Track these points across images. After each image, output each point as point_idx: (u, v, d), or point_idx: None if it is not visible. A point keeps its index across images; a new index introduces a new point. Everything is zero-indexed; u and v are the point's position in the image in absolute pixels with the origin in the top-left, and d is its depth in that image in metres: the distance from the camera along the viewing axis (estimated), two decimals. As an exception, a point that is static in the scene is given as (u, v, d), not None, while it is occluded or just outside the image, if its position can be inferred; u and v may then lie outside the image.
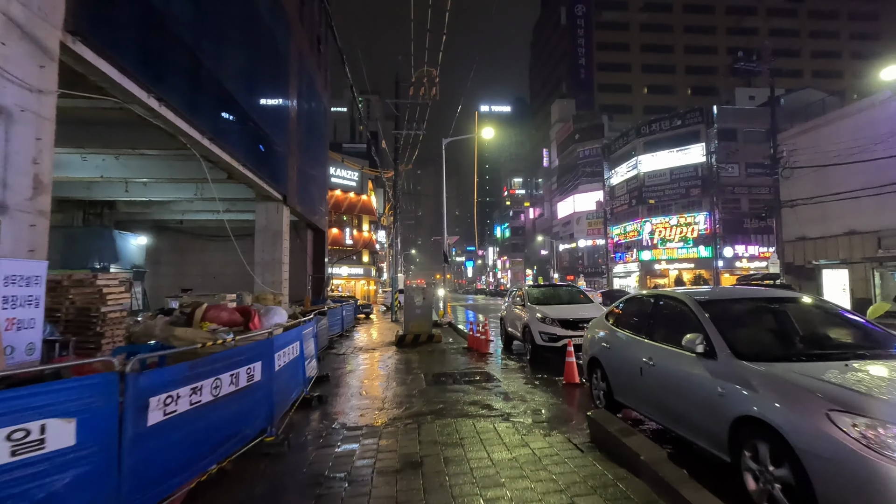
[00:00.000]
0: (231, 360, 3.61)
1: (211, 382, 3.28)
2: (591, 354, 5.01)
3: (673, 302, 3.94)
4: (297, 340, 5.64)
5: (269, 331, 4.30)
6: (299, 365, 5.62)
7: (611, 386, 4.55)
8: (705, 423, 3.04)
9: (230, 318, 4.52)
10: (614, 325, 4.68)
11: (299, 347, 5.72)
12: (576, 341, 7.70)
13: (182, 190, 15.24)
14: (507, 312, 10.52)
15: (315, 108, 20.14)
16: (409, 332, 11.57)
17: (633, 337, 4.15)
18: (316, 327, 10.18)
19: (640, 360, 3.87)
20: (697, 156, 37.58)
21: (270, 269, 15.15)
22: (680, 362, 3.38)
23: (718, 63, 71.26)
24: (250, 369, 3.83)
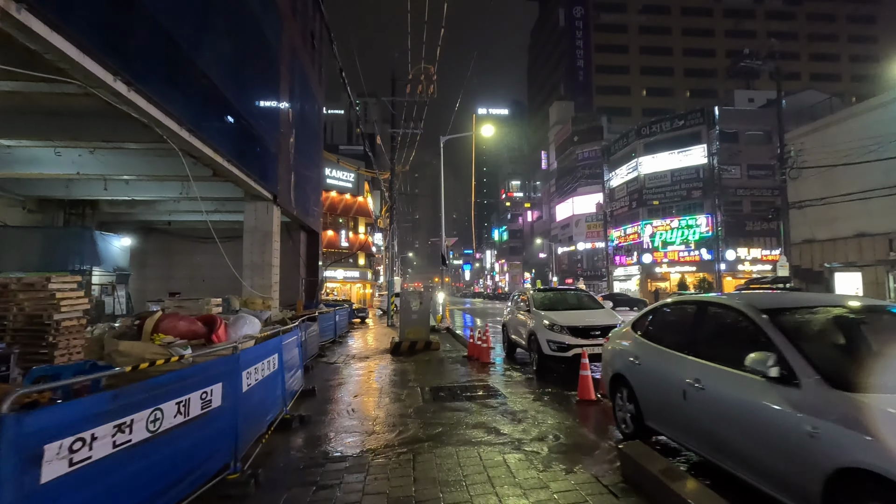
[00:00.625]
0: (180, 382, 2.89)
1: (147, 415, 2.56)
2: (615, 370, 4.30)
3: (725, 310, 3.25)
4: (276, 353, 4.92)
5: (235, 344, 3.57)
6: (277, 381, 4.90)
7: (640, 408, 3.85)
8: (784, 471, 2.35)
9: (189, 329, 3.80)
10: (645, 337, 3.98)
11: (278, 360, 5.01)
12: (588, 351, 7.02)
13: (167, 189, 14.51)
14: (510, 318, 9.82)
15: (308, 105, 19.45)
16: (406, 339, 10.84)
17: (673, 353, 3.44)
18: (304, 334, 9.46)
19: (684, 382, 3.17)
20: (699, 157, 37.05)
21: (260, 272, 14.42)
22: (742, 388, 2.68)
23: (717, 66, 71.08)
24: (207, 393, 3.11)
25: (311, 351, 10.02)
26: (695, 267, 36.96)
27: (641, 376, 3.82)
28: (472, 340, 9.64)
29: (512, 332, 9.53)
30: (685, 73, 72.44)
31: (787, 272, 18.88)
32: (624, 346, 4.25)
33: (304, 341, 9.17)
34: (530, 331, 7.99)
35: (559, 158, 61.84)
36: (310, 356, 9.94)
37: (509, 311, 10.11)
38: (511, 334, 9.58)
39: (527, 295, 9.02)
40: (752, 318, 2.82)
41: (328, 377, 8.00)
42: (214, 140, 9.71)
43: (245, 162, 11.99)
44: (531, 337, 7.96)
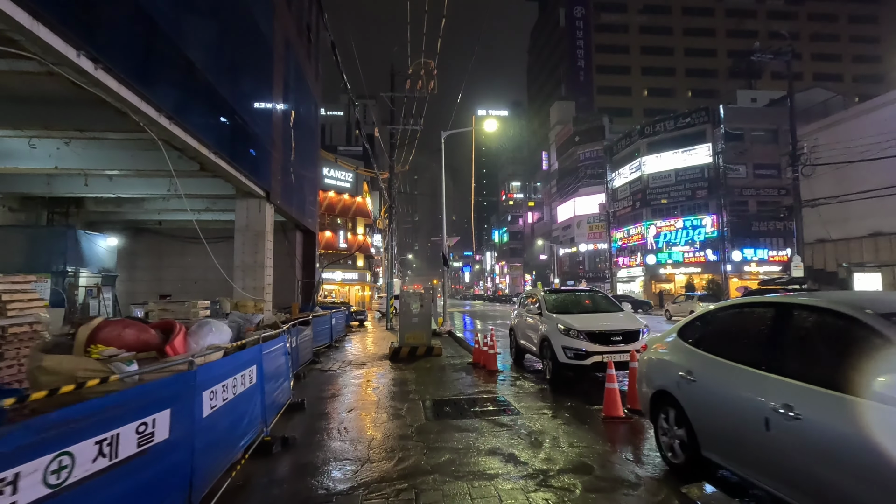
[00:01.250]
0: (104, 413, 2.15)
1: (47, 464, 1.83)
2: (659, 386, 3.57)
3: (821, 315, 2.51)
4: (254, 364, 4.20)
5: (190, 359, 2.84)
6: (256, 397, 4.17)
7: (696, 435, 3.11)
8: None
9: (138, 339, 3.07)
10: (700, 348, 3.25)
11: (257, 373, 4.28)
12: (610, 359, 6.28)
13: (153, 185, 13.78)
14: (518, 322, 9.08)
15: (304, 100, 18.75)
16: (406, 344, 10.11)
17: (746, 369, 2.71)
18: (296, 340, 8.72)
19: (766, 407, 2.45)
20: (703, 156, 36.37)
21: (252, 273, 13.69)
22: (869, 421, 1.96)
23: (719, 66, 70.65)
24: (147, 424, 2.37)
25: (304, 357, 9.29)
26: (700, 268, 36.25)
27: (697, 396, 3.09)
28: (478, 346, 8.90)
29: (521, 338, 8.79)
30: (686, 74, 71.95)
31: (802, 272, 18.16)
32: (670, 358, 3.52)
33: (296, 347, 8.45)
34: (543, 336, 7.25)
35: (560, 159, 61.19)
36: (303, 363, 9.22)
37: (517, 315, 9.38)
38: (520, 339, 8.84)
39: (537, 297, 8.28)
40: (873, 327, 2.10)
41: (321, 387, 7.25)
42: (199, 130, 9.00)
43: (235, 156, 11.28)
44: (544, 343, 7.22)
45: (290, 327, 7.63)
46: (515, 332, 9.15)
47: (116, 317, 15.06)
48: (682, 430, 3.28)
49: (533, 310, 7.91)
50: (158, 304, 11.46)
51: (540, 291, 8.43)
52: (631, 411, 5.08)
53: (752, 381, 2.61)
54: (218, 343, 3.62)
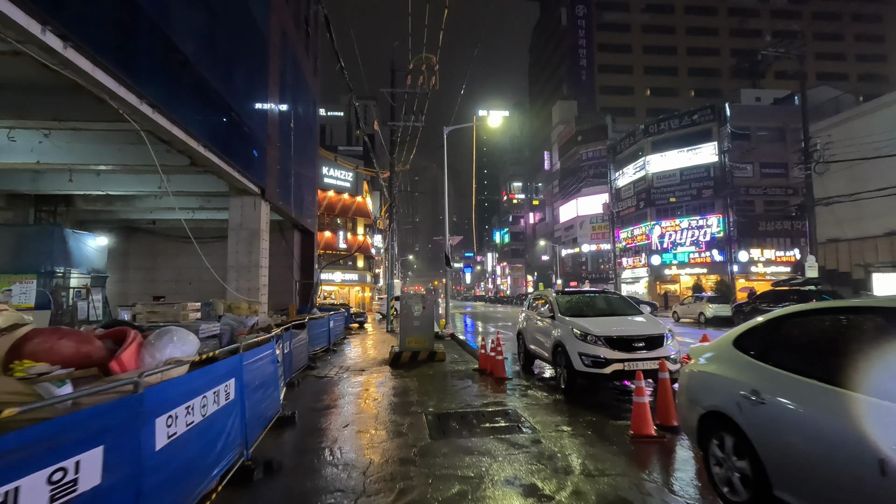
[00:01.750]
0: (0, 460, 1.57)
1: None
2: (711, 407, 2.97)
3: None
4: (231, 377, 3.62)
5: (136, 379, 2.25)
6: (232, 416, 3.58)
7: (765, 470, 2.53)
8: None
9: (77, 352, 2.48)
10: (766, 361, 2.66)
11: (236, 387, 3.70)
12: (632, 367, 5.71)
13: (144, 182, 13.22)
14: (527, 325, 8.49)
15: (302, 95, 18.19)
16: (407, 349, 9.53)
17: (847, 393, 2.12)
18: (290, 345, 8.14)
19: (883, 448, 1.87)
20: (709, 155, 35.77)
21: (246, 273, 13.13)
22: None
23: (722, 65, 70.14)
24: (64, 471, 1.79)
25: (298, 363, 8.72)
26: (705, 269, 35.63)
27: (768, 422, 2.50)
28: (484, 351, 8.31)
29: (530, 342, 8.20)
30: (689, 73, 71.40)
31: (816, 273, 17.56)
32: (726, 373, 2.93)
33: (289, 353, 7.88)
34: (556, 342, 6.66)
35: (562, 159, 60.63)
36: (297, 369, 8.65)
37: (525, 318, 8.79)
38: (529, 344, 8.25)
39: (548, 298, 7.69)
40: None
41: (315, 397, 6.67)
42: (187, 121, 8.44)
43: (227, 150, 10.71)
44: (557, 349, 6.64)
45: (283, 331, 7.06)
46: (524, 336, 8.56)
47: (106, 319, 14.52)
48: (743, 461, 2.69)
49: (544, 313, 7.31)
50: (146, 306, 10.91)
51: (551, 293, 7.84)
52: (661, 428, 4.50)
53: (859, 410, 2.02)
54: (181, 356, 3.03)
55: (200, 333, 10.22)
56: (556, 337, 6.69)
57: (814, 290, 15.74)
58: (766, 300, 16.89)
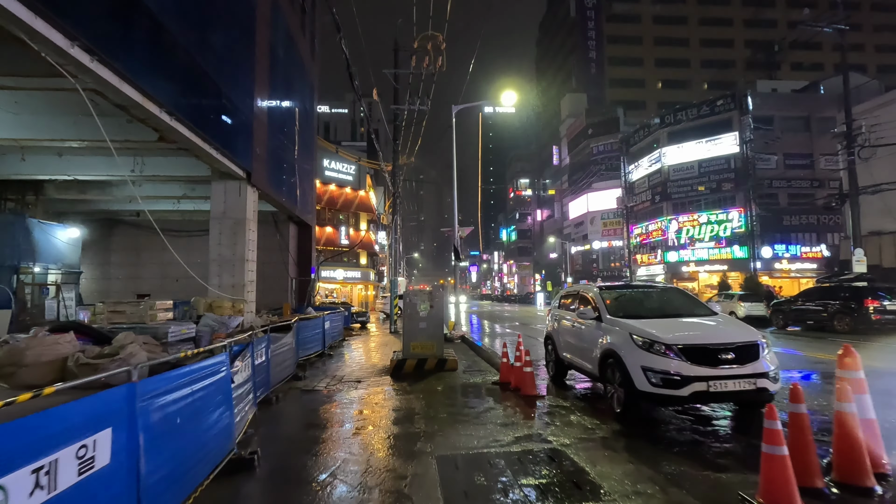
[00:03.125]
0: None
1: None
2: None
3: None
4: (105, 428, 2.08)
5: None
6: (103, 495, 2.04)
7: None
8: None
9: None
10: None
11: (114, 444, 2.17)
12: (717, 387, 4.13)
13: (115, 165, 11.72)
14: (559, 329, 6.91)
15: (296, 76, 16.67)
16: (411, 356, 7.98)
17: None
18: (267, 352, 6.61)
19: None
20: (730, 146, 33.94)
21: (230, 268, 11.62)
22: None
23: (736, 57, 68.11)
24: None
25: (279, 374, 7.18)
26: (726, 265, 33.83)
27: None
28: (506, 360, 6.74)
29: (564, 349, 6.62)
30: (702, 65, 69.37)
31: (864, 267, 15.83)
32: None
33: (265, 364, 6.34)
34: (606, 351, 5.08)
35: (572, 153, 58.86)
36: (279, 380, 7.12)
37: (554, 318, 7.21)
38: (562, 352, 6.67)
39: (589, 295, 6.11)
40: None
41: (293, 424, 5.14)
42: (142, 79, 6.92)
43: (202, 123, 9.19)
44: (607, 360, 5.06)
45: (252, 337, 5.52)
46: (554, 341, 6.98)
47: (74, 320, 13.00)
48: None
49: (586, 313, 5.71)
50: (108, 305, 9.42)
51: (592, 288, 6.24)
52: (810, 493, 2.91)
53: None
54: None
55: (170, 336, 8.68)
56: (606, 345, 5.11)
57: (866, 286, 14.05)
58: (810, 297, 15.19)
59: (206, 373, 3.52)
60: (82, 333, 8.60)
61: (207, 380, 3.53)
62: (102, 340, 8.76)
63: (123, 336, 8.37)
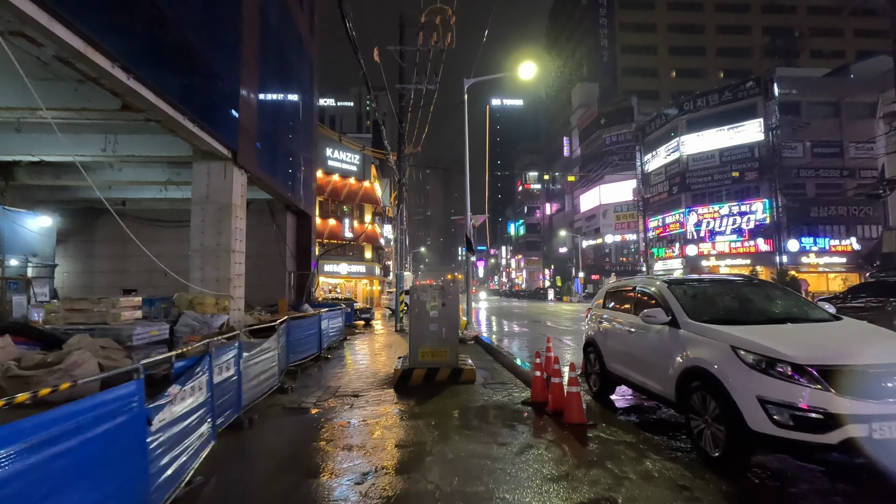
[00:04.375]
0: None
1: None
2: None
3: None
4: None
5: None
6: None
7: None
8: None
9: None
10: None
11: None
12: (885, 432, 2.65)
13: (84, 143, 10.42)
14: (604, 332, 5.49)
15: (293, 50, 15.25)
16: (419, 364, 6.59)
17: None
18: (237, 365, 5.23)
19: None
20: (754, 133, 32.17)
21: (213, 259, 10.28)
22: None
23: (753, 44, 65.70)
24: None
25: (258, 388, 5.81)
26: (749, 259, 32.16)
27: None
28: (539, 373, 5.32)
29: (613, 360, 5.20)
30: (718, 53, 67.10)
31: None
32: None
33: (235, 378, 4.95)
34: (691, 370, 3.65)
35: (583, 144, 57.10)
36: (257, 397, 5.77)
37: (597, 319, 5.78)
38: (611, 363, 5.24)
39: (651, 290, 4.66)
40: None
41: (259, 469, 3.77)
42: (87, 23, 5.56)
43: (174, 89, 7.82)
44: (691, 383, 3.63)
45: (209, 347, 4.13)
46: (599, 348, 5.54)
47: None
48: None
49: (653, 316, 4.23)
50: (65, 303, 8.10)
51: (655, 283, 4.78)
52: None
53: None
54: None
55: (136, 339, 7.29)
56: (690, 361, 3.68)
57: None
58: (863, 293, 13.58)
59: (89, 420, 2.13)
60: (27, 336, 7.29)
61: (94, 430, 2.15)
62: (53, 344, 7.45)
63: (77, 340, 7.05)
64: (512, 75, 12.45)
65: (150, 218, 16.19)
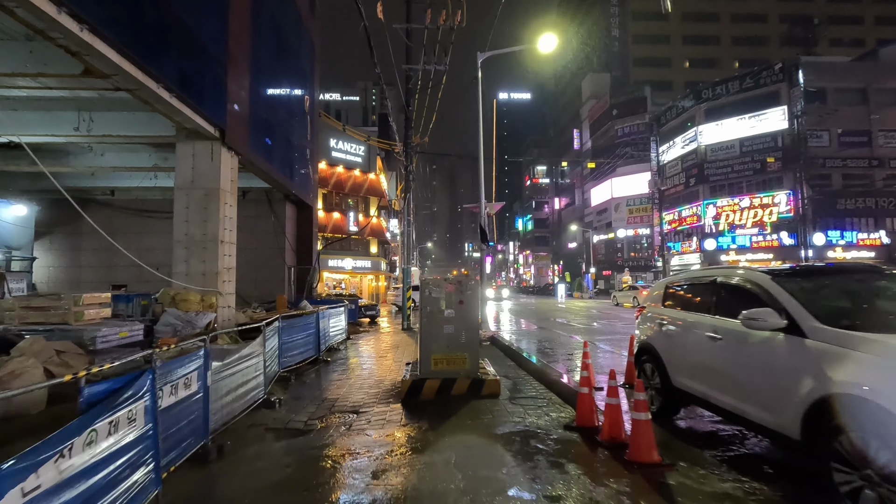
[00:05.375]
0: None
1: None
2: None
3: None
4: None
5: None
6: None
7: None
8: None
9: None
10: None
11: None
12: None
13: (56, 122, 9.36)
14: (667, 336, 4.33)
15: (289, 24, 14.12)
16: (431, 375, 5.46)
17: None
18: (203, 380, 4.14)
19: None
20: (777, 122, 30.66)
21: (199, 251, 9.18)
22: None
23: (770, 32, 63.71)
24: None
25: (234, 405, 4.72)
26: (772, 254, 30.74)
27: None
28: (586, 389, 4.17)
29: (683, 374, 4.04)
30: (733, 42, 65.12)
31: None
32: None
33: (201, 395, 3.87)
34: (835, 398, 2.49)
35: (594, 136, 55.60)
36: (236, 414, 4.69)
37: (655, 321, 4.62)
38: (678, 377, 4.08)
39: (754, 283, 3.49)
40: None
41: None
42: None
43: (145, 51, 6.72)
44: (830, 421, 2.48)
45: (152, 363, 3.02)
46: (661, 358, 4.38)
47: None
48: None
49: (760, 318, 3.06)
50: (21, 300, 7.04)
51: (757, 275, 3.55)
52: None
53: None
54: None
55: (100, 342, 6.27)
56: (829, 386, 2.53)
57: None
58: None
59: None
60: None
61: None
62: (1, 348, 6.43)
63: (29, 343, 5.98)
64: (531, 48, 11.24)
65: (139, 208, 15.18)
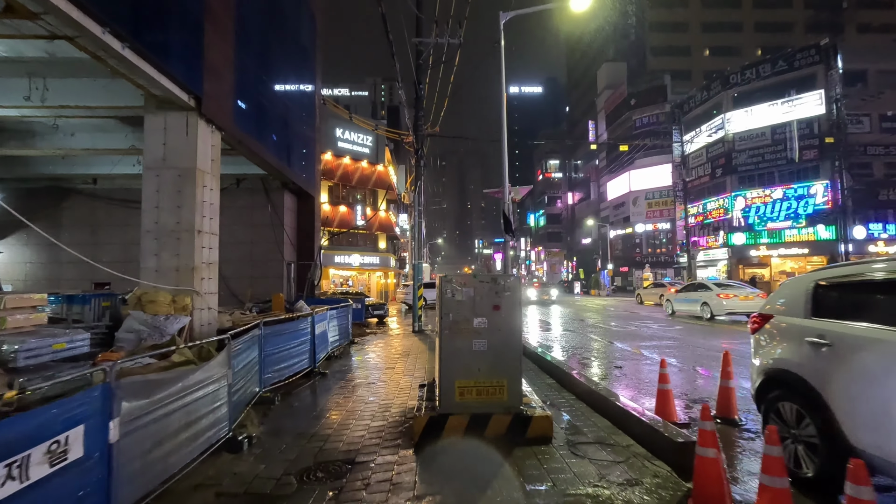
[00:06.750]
0: None
1: None
2: None
3: None
4: None
5: None
6: None
7: None
8: None
9: None
10: None
11: None
12: None
13: (2, 91, 7.96)
14: (850, 367, 2.71)
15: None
16: (457, 409, 3.88)
17: None
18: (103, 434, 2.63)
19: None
20: (813, 107, 28.55)
21: (172, 243, 7.63)
22: None
23: (795, 18, 60.95)
24: None
25: (177, 458, 3.18)
26: (807, 248, 28.71)
27: None
28: (713, 451, 2.58)
29: (872, 429, 2.40)
30: (756, 28, 62.43)
31: None
32: None
33: (85, 465, 2.32)
34: None
35: (610, 128, 53.52)
36: (185, 463, 3.16)
37: (807, 338, 3.00)
38: (864, 434, 2.46)
39: None
40: None
41: None
42: None
43: None
44: None
45: None
46: (824, 395, 2.76)
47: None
48: None
49: None
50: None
51: None
52: None
53: None
54: None
55: (22, 358, 4.78)
56: None
57: None
58: None
59: None
60: None
61: None
62: None
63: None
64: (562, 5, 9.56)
65: (123, 198, 13.81)
